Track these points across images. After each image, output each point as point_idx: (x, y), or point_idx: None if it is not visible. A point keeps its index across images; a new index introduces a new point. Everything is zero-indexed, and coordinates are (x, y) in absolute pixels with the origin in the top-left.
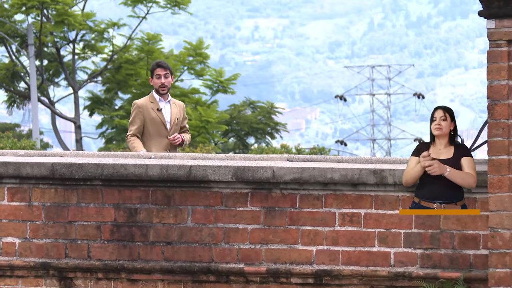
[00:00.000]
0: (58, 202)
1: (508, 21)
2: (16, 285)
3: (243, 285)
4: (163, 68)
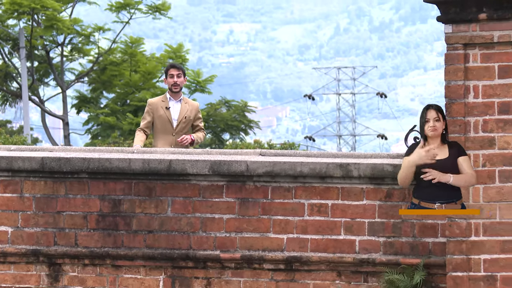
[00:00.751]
0: (47, 194)
1: (464, 26)
2: (9, 270)
3: (219, 271)
4: (176, 68)
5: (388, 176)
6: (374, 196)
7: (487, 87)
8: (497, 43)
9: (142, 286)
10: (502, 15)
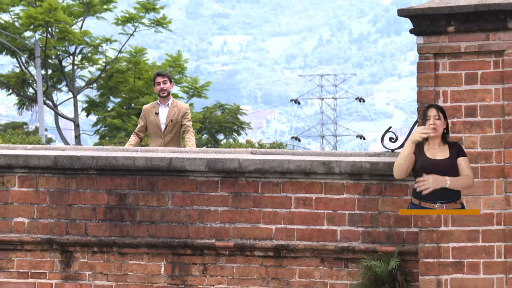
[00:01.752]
0: (60, 188)
1: (435, 38)
2: (26, 257)
3: (214, 258)
4: (161, 76)
5: (366, 172)
6: (354, 190)
7: (455, 92)
8: (464, 53)
9: (145, 271)
10: (468, 28)
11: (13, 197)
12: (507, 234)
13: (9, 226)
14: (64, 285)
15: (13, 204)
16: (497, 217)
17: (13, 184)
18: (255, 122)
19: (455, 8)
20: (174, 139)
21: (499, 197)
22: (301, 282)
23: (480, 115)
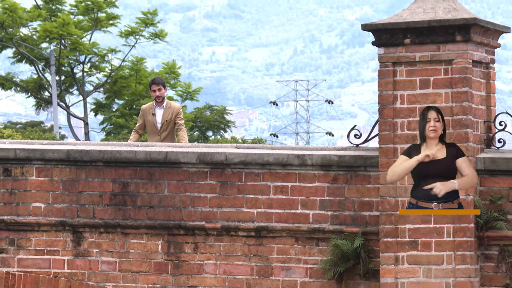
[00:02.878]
0: (71, 178)
1: (393, 49)
2: (42, 237)
3: (204, 237)
4: (156, 84)
5: (334, 164)
6: (324, 179)
7: (411, 95)
8: (418, 62)
9: (145, 249)
10: (422, 40)
11: (31, 185)
12: (455, 216)
13: (27, 210)
14: (75, 261)
15: (31, 191)
16: None
17: (31, 174)
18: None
19: (411, 23)
20: (169, 135)
21: None
22: (278, 259)
23: None
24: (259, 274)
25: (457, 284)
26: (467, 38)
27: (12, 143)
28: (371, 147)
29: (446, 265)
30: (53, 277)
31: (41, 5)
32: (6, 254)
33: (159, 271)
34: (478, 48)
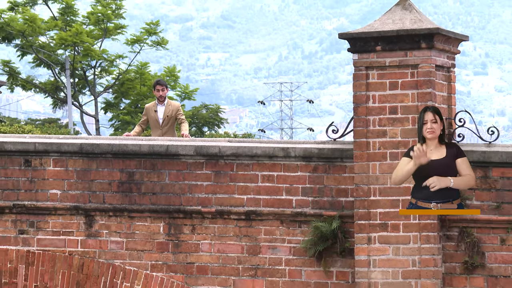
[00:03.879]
0: (84, 168)
1: (366, 55)
2: (58, 220)
3: (200, 220)
4: (160, 85)
5: (315, 156)
6: (305, 169)
7: (381, 96)
8: (388, 66)
9: (148, 230)
10: (391, 47)
11: (48, 174)
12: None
13: (45, 196)
14: (87, 241)
15: (48, 180)
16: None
17: (49, 165)
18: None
19: (382, 32)
20: (169, 130)
21: None
22: (265, 239)
23: (400, 113)
24: (249, 252)
25: (422, 261)
26: (431, 46)
27: (32, 137)
28: (347, 141)
29: (412, 245)
30: (68, 255)
31: (57, 16)
32: (27, 235)
33: (161, 250)
34: (441, 54)
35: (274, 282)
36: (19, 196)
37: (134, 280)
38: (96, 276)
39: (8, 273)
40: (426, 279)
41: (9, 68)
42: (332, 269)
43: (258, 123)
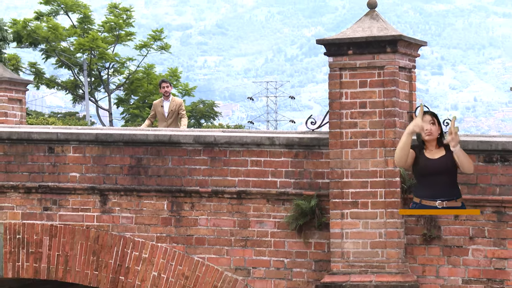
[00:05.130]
0: (99, 154)
1: (340, 58)
2: (77, 198)
3: (198, 199)
4: (165, 82)
5: (296, 144)
6: (288, 155)
7: (353, 93)
8: (358, 67)
9: (154, 207)
10: (361, 52)
11: (69, 159)
12: (386, 183)
13: (66, 178)
14: (102, 216)
15: (69, 164)
16: (379, 172)
17: (69, 151)
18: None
19: (353, 39)
20: (173, 122)
21: (381, 160)
22: (254, 214)
23: (369, 107)
24: (240, 226)
25: (387, 234)
26: (395, 50)
27: (54, 128)
28: (323, 131)
29: (379, 219)
30: (86, 228)
31: (76, 25)
32: (50, 211)
33: (165, 224)
34: (403, 57)
35: (261, 251)
36: (44, 178)
37: (142, 250)
38: (110, 246)
39: (34, 244)
40: (390, 249)
41: (35, 69)
42: (311, 240)
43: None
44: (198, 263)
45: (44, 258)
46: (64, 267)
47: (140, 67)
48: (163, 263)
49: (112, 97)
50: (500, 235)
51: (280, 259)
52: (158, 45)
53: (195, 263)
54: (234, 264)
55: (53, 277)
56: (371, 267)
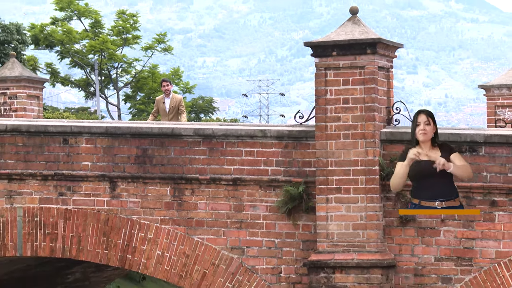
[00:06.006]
0: (109, 145)
1: (325, 58)
2: (89, 185)
3: (198, 185)
4: (165, 81)
5: (285, 136)
6: (278, 146)
7: (337, 90)
8: (341, 67)
9: (158, 193)
10: (344, 53)
11: (81, 150)
12: (366, 171)
13: (79, 166)
14: (111, 201)
15: (81, 154)
16: (360, 162)
17: (82, 143)
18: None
19: (337, 41)
20: (174, 116)
21: (362, 150)
22: (248, 199)
23: (351, 103)
24: (235, 209)
25: (367, 216)
26: (374, 52)
27: (69, 121)
28: (310, 125)
29: (360, 204)
30: (97, 212)
31: (88, 29)
32: (65, 197)
33: (168, 208)
34: (382, 58)
35: (255, 232)
36: (59, 166)
37: (147, 231)
38: (118, 228)
39: (50, 226)
40: (370, 230)
41: (51, 69)
42: (299, 222)
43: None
44: (197, 243)
45: (59, 238)
46: (77, 247)
47: (146, 67)
48: (166, 243)
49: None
50: (469, 218)
51: (271, 239)
52: (162, 47)
53: (195, 243)
54: (230, 244)
55: (67, 255)
56: (353, 247)
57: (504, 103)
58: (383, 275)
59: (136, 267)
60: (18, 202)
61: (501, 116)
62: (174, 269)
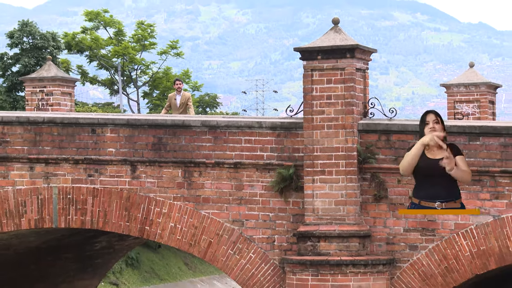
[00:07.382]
0: (130, 134)
1: (311, 61)
2: (113, 167)
3: (204, 168)
4: (178, 80)
5: (278, 126)
6: (272, 135)
7: (321, 88)
8: (325, 69)
9: (171, 174)
10: (327, 57)
11: (107, 139)
12: (346, 156)
13: (105, 152)
14: (132, 181)
15: (107, 142)
16: (341, 148)
17: (107, 132)
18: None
19: (321, 47)
20: (184, 111)
21: (342, 139)
22: (247, 180)
23: (333, 99)
24: (236, 188)
25: (347, 194)
26: (353, 56)
27: (96, 114)
28: (299, 117)
29: (341, 183)
30: (120, 190)
31: (112, 37)
32: (93, 177)
33: (179, 187)
34: (359, 61)
35: (252, 208)
36: (88, 152)
37: (162, 207)
38: (138, 204)
39: (81, 202)
40: (349, 206)
41: (81, 70)
42: (290, 199)
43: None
44: (204, 216)
45: (88, 212)
46: (103, 220)
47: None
48: (178, 216)
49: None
50: None
51: (266, 214)
52: (174, 52)
53: (202, 217)
54: (232, 217)
55: (95, 227)
56: (335, 220)
57: (462, 99)
58: (360, 243)
59: (153, 237)
60: (53, 182)
61: (459, 110)
62: (184, 238)
